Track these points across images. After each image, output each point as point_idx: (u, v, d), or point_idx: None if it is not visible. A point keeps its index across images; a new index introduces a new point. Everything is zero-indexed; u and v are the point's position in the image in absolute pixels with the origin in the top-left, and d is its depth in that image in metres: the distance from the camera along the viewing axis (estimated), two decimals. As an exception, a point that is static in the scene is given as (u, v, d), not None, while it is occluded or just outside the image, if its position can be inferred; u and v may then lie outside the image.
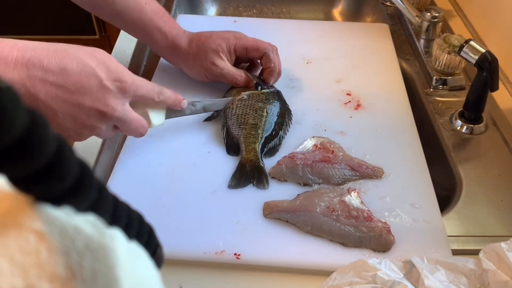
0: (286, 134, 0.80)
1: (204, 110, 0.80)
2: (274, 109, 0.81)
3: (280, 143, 0.78)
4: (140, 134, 0.69)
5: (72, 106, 0.58)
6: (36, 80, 0.54)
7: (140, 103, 0.69)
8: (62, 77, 0.56)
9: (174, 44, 0.85)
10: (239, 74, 0.85)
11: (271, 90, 0.84)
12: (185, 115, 0.78)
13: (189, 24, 0.90)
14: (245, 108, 0.80)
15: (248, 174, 0.73)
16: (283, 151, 0.77)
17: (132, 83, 0.64)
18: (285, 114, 0.82)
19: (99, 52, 0.62)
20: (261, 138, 0.77)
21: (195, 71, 0.87)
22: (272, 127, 0.79)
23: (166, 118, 0.74)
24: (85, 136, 0.65)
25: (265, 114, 0.80)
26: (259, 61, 0.88)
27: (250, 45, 0.85)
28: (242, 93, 0.82)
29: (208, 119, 0.82)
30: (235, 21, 1.09)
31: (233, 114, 0.79)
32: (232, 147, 0.77)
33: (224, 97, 0.85)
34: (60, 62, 0.56)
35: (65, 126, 0.60)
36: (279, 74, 0.87)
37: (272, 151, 0.77)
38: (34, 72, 0.54)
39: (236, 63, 0.88)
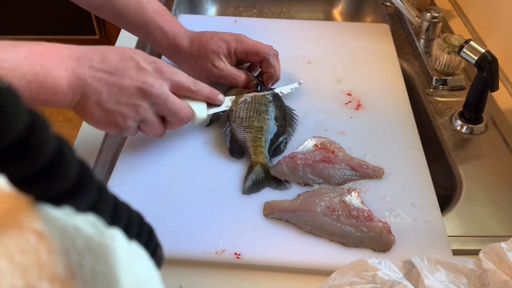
0: (292, 135, 0.80)
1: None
2: (277, 111, 0.81)
3: (285, 145, 0.78)
4: (185, 117, 0.71)
5: (115, 86, 0.65)
6: (84, 67, 0.63)
7: (181, 97, 0.71)
8: (104, 63, 0.65)
9: (175, 43, 0.85)
10: (239, 75, 0.85)
11: (271, 92, 0.84)
12: (226, 108, 0.79)
13: (190, 24, 0.90)
14: (248, 111, 0.80)
15: (261, 178, 0.72)
16: (285, 152, 0.77)
17: (167, 66, 0.69)
18: (286, 116, 0.81)
19: (137, 49, 0.70)
20: (267, 141, 0.76)
21: (196, 71, 0.87)
22: (276, 129, 0.78)
23: (209, 113, 0.76)
24: (131, 120, 0.67)
25: (268, 116, 0.79)
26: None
27: (251, 49, 0.84)
28: (245, 94, 0.82)
29: (208, 125, 0.81)
30: (235, 21, 1.09)
31: (237, 117, 0.79)
32: (235, 150, 0.77)
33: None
34: (102, 53, 0.65)
35: (111, 109, 0.65)
36: (278, 79, 0.87)
37: (276, 152, 0.77)
38: (82, 61, 0.63)
39: (238, 63, 0.88)
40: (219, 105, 0.78)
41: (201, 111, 0.74)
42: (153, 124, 0.69)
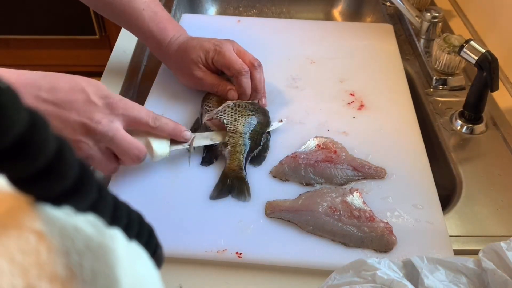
0: (269, 144, 0.78)
1: (211, 140, 0.76)
2: (260, 117, 0.79)
3: (266, 151, 0.77)
4: (135, 156, 0.66)
5: (60, 120, 0.60)
6: (31, 97, 0.58)
7: (143, 132, 0.68)
8: (52, 93, 0.60)
9: (167, 51, 0.86)
10: (216, 84, 0.83)
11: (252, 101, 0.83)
12: (193, 146, 0.73)
13: (193, 24, 0.90)
14: (234, 114, 0.78)
15: (229, 185, 0.71)
16: (286, 151, 0.77)
17: (120, 101, 0.64)
18: (268, 124, 0.79)
19: (95, 80, 0.64)
20: (247, 147, 0.75)
21: (182, 79, 0.88)
22: (258, 136, 0.77)
23: (172, 149, 0.71)
24: None
25: (254, 122, 0.77)
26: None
27: (224, 63, 0.81)
28: (228, 101, 0.81)
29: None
30: (239, 20, 1.09)
31: (223, 120, 0.77)
32: (208, 157, 0.76)
33: (202, 106, 0.83)
34: (52, 81, 0.60)
35: None
36: (254, 94, 0.83)
37: (258, 160, 0.76)
38: (29, 90, 0.58)
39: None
40: (185, 142, 0.72)
41: (161, 148, 0.69)
42: (100, 161, 0.64)
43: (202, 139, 0.75)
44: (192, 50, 0.83)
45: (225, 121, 0.77)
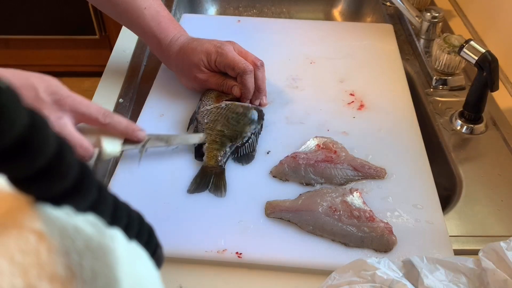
0: (257, 143, 0.78)
1: (167, 143, 0.74)
2: (246, 118, 0.79)
3: (253, 150, 0.77)
4: (79, 155, 0.63)
5: None
6: None
7: (97, 130, 0.66)
8: None
9: (167, 52, 0.86)
10: (222, 83, 0.84)
11: (252, 105, 0.82)
12: (146, 148, 0.72)
13: (193, 24, 0.90)
14: (217, 115, 0.79)
15: (207, 180, 0.72)
16: (286, 151, 0.77)
17: (69, 97, 0.63)
18: (257, 132, 0.79)
19: (48, 76, 0.63)
20: (226, 145, 0.75)
21: (184, 81, 0.88)
22: (240, 136, 0.77)
23: (124, 149, 0.70)
24: None
25: (235, 122, 0.78)
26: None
27: (227, 63, 0.81)
28: (223, 101, 0.81)
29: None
30: (239, 20, 1.09)
31: (204, 119, 0.78)
32: (200, 152, 0.76)
33: (200, 99, 0.84)
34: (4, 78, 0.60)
35: None
36: (256, 94, 0.84)
37: (246, 158, 0.76)
38: None
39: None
40: (139, 142, 0.71)
41: (111, 147, 0.67)
42: None
43: (157, 141, 0.73)
44: (193, 52, 0.83)
45: (205, 120, 0.78)
